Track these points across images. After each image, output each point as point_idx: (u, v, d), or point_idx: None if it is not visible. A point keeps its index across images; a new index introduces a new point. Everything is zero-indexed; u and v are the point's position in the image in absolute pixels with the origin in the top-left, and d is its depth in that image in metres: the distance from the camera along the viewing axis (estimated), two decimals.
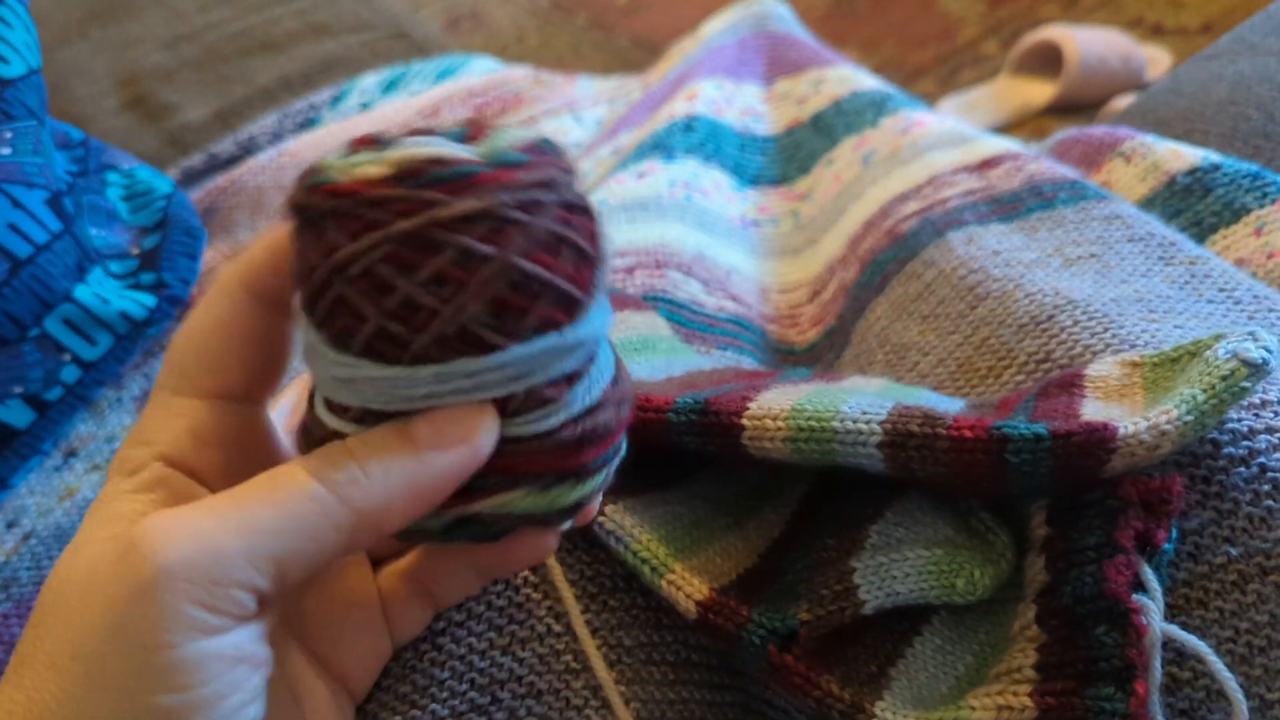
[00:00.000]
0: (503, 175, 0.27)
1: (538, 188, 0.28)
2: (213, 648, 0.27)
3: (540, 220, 0.28)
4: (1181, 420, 0.34)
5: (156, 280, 0.65)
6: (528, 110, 0.83)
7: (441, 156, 0.27)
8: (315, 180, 0.28)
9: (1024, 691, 0.33)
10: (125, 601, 0.26)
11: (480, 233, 0.27)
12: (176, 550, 0.26)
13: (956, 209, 0.58)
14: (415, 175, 0.27)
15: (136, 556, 0.27)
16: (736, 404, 0.39)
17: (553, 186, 0.29)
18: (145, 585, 0.26)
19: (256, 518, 0.28)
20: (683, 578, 0.38)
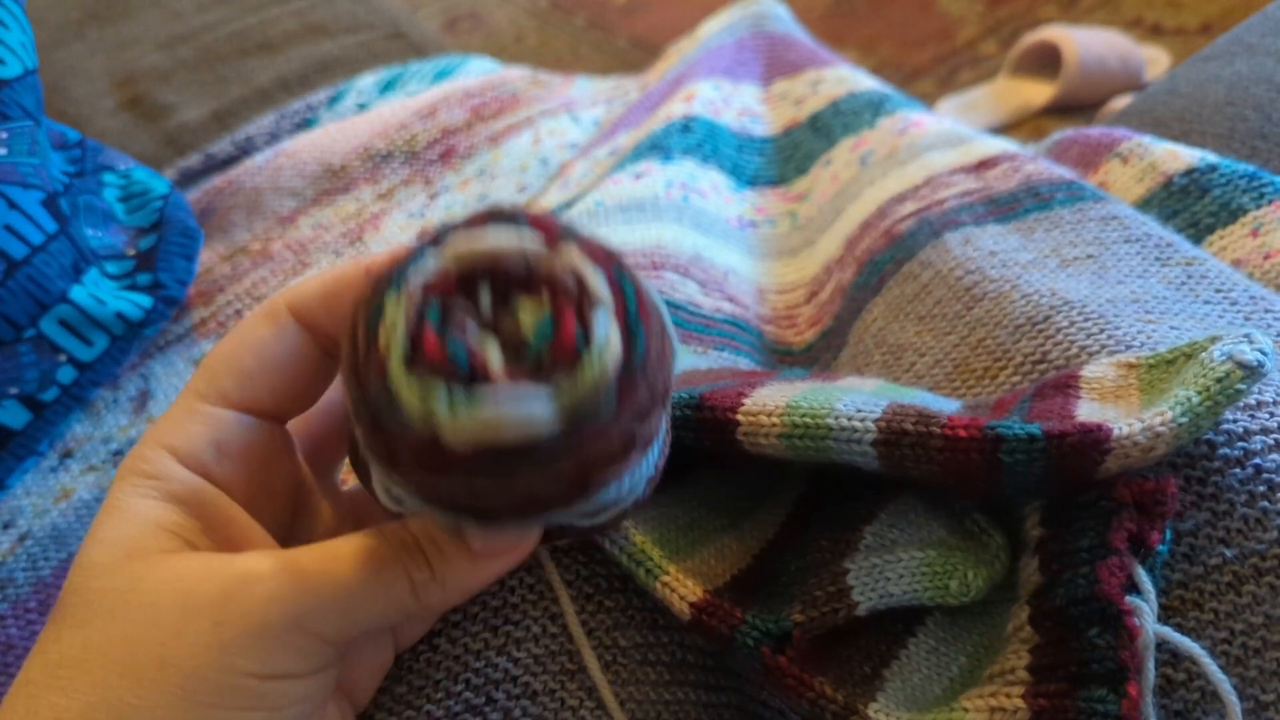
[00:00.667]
0: (588, 443, 0.27)
1: (621, 432, 0.27)
2: (298, 688, 0.30)
3: (615, 443, 0.28)
4: (1176, 422, 0.34)
5: (153, 281, 0.64)
6: (525, 110, 0.83)
7: (523, 429, 0.26)
8: (389, 399, 0.27)
9: (1017, 693, 0.33)
10: (242, 633, 0.29)
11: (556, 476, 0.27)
12: (299, 602, 0.29)
13: (953, 210, 0.58)
14: (499, 452, 0.26)
15: (260, 594, 0.29)
16: (731, 400, 0.39)
17: (636, 408, 0.27)
18: (269, 626, 0.29)
19: (359, 592, 0.30)
20: (677, 579, 0.38)
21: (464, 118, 0.81)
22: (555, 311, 0.27)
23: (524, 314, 0.27)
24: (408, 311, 0.27)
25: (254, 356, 0.33)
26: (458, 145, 0.79)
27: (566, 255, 0.27)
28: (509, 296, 0.27)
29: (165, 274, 0.65)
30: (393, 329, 0.27)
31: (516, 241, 0.28)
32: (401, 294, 0.27)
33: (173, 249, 0.67)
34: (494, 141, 0.79)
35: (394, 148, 0.78)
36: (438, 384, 0.26)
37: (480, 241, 0.28)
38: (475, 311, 0.27)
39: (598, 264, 0.27)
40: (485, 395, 0.26)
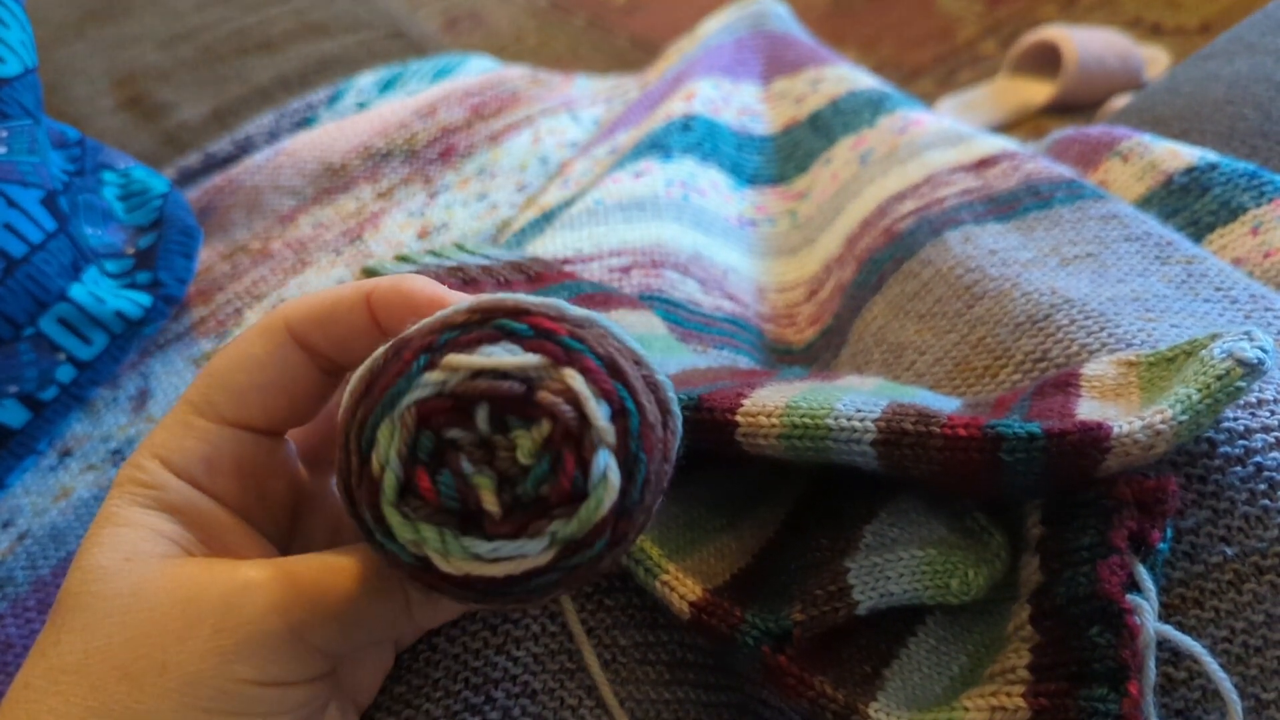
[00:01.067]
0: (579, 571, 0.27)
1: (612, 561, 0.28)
2: (295, 695, 0.31)
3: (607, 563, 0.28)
4: (1176, 420, 0.33)
5: (152, 280, 0.64)
6: (525, 109, 0.83)
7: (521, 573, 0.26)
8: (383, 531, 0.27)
9: (1017, 692, 0.33)
10: (243, 641, 0.29)
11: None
12: (298, 613, 0.30)
13: (953, 208, 0.58)
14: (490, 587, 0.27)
15: (261, 603, 0.29)
16: (730, 401, 0.39)
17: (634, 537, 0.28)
18: (269, 635, 0.29)
19: (356, 608, 0.30)
20: (676, 578, 0.38)
21: (464, 116, 0.81)
22: (553, 451, 0.26)
23: (520, 445, 0.26)
24: (400, 445, 0.27)
25: (248, 374, 0.33)
26: (457, 144, 0.79)
27: (571, 382, 0.26)
28: (506, 420, 0.27)
29: (165, 272, 0.65)
30: (385, 459, 0.27)
31: (519, 363, 0.27)
32: (395, 423, 0.27)
33: (172, 247, 0.66)
34: (494, 140, 0.79)
35: (394, 146, 0.78)
36: (431, 523, 0.26)
37: (479, 362, 0.27)
38: (471, 439, 0.27)
39: (602, 389, 0.27)
40: (479, 540, 0.26)
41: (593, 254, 0.62)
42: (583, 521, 0.26)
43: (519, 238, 0.66)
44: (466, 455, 0.27)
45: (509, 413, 0.26)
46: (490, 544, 0.26)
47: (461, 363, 0.27)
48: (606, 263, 0.61)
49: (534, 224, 0.68)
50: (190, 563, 0.31)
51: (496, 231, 0.70)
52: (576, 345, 0.27)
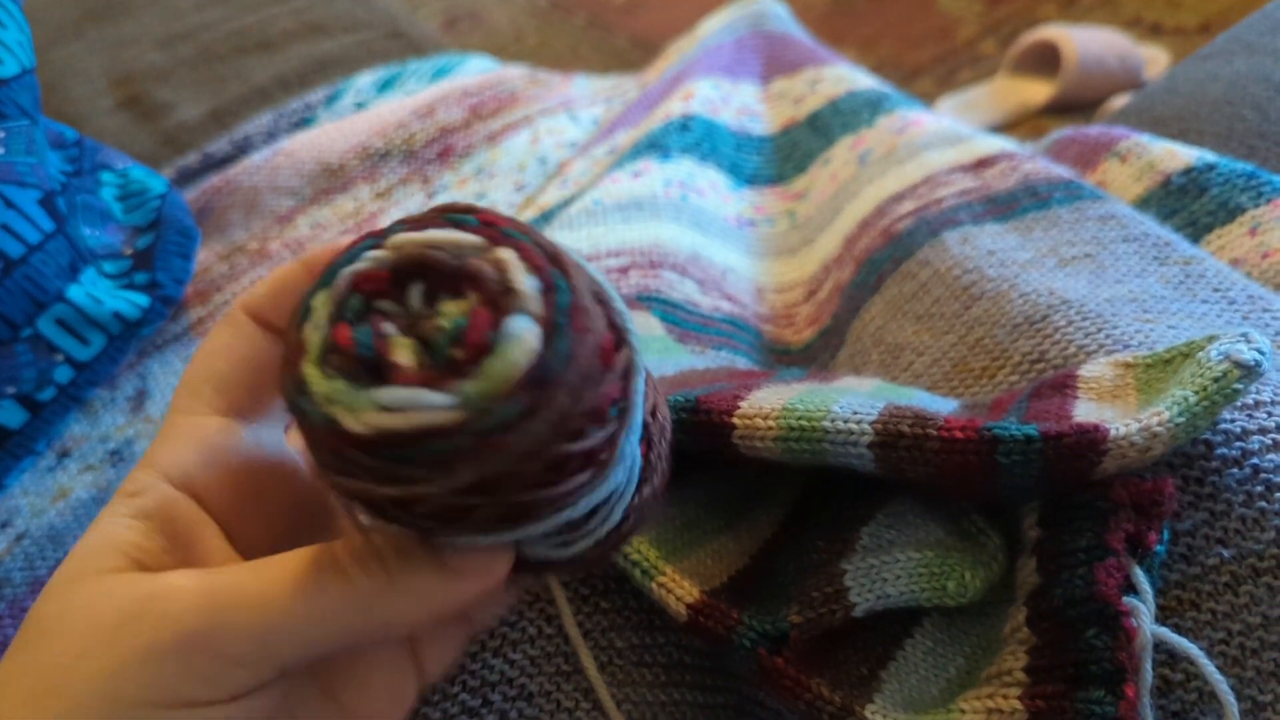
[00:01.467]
0: (497, 446, 0.25)
1: (531, 439, 0.25)
2: (205, 716, 0.27)
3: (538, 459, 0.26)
4: (1173, 422, 0.33)
5: (150, 280, 0.64)
6: (523, 109, 0.83)
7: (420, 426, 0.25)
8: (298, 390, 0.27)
9: (1014, 694, 0.33)
10: (132, 655, 0.26)
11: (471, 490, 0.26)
12: (197, 622, 0.27)
13: (952, 209, 0.58)
14: (396, 447, 0.25)
15: (157, 614, 0.27)
16: (728, 403, 0.39)
17: (553, 417, 0.26)
18: (163, 647, 0.26)
19: (282, 607, 0.27)
20: (673, 580, 0.38)
21: (462, 117, 0.81)
22: (471, 315, 0.26)
23: (445, 314, 0.26)
24: (331, 305, 0.27)
25: (224, 359, 0.32)
26: (456, 144, 0.79)
27: (497, 255, 0.26)
28: (438, 296, 0.27)
29: (162, 273, 0.65)
30: (316, 322, 0.27)
31: (453, 238, 0.27)
32: (331, 289, 0.27)
33: (170, 248, 0.66)
34: (492, 140, 0.79)
35: (392, 147, 0.78)
36: (344, 376, 0.26)
37: (418, 237, 0.27)
38: (403, 310, 0.27)
39: (534, 267, 0.26)
40: (384, 390, 0.25)
41: (591, 254, 0.62)
42: (488, 376, 0.25)
43: None
44: (393, 322, 0.26)
45: (442, 290, 0.26)
46: (392, 391, 0.25)
47: (402, 240, 0.27)
48: (604, 263, 0.61)
49: (532, 224, 0.68)
50: (120, 576, 0.28)
51: None
52: (515, 234, 0.27)
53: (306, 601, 0.27)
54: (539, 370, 0.25)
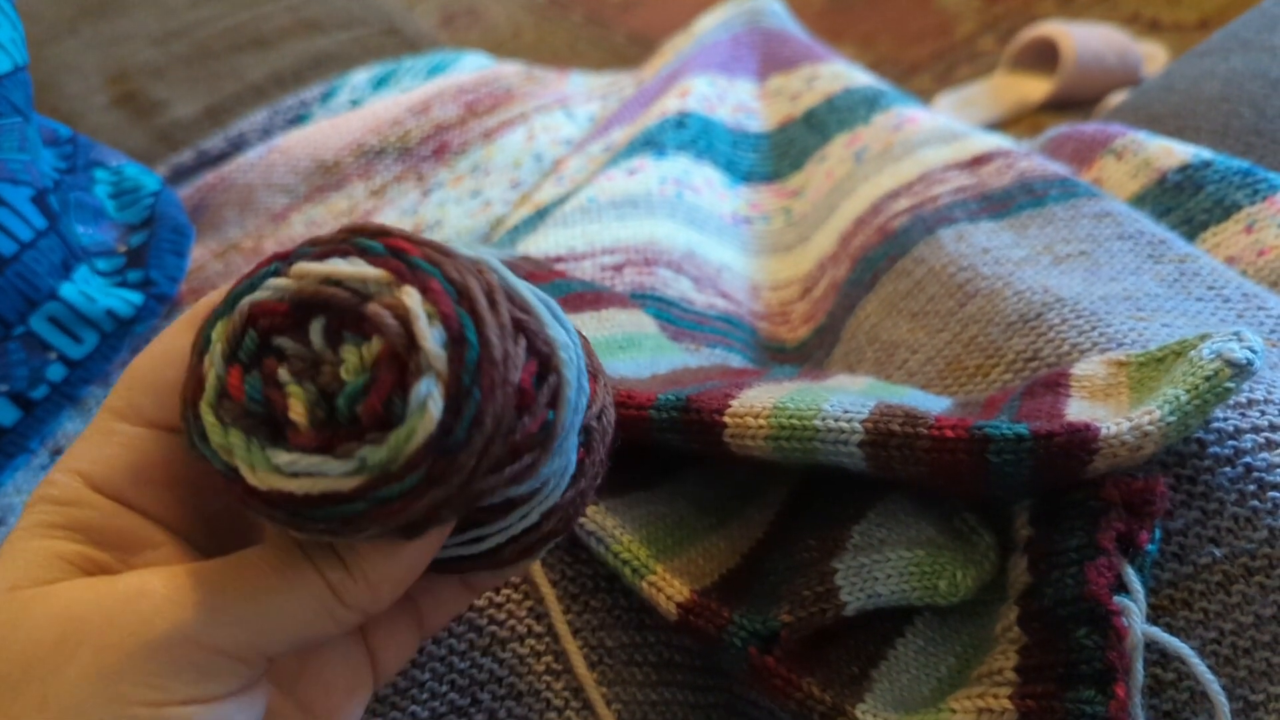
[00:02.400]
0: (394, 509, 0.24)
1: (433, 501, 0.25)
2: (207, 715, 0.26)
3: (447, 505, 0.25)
4: (1164, 421, 0.33)
5: (144, 278, 0.64)
6: (519, 106, 0.83)
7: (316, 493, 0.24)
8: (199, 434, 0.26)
9: (1004, 694, 0.33)
10: (126, 656, 0.26)
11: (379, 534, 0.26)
12: (191, 616, 0.26)
13: (947, 206, 0.58)
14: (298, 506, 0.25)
15: (147, 610, 0.26)
16: (718, 402, 0.38)
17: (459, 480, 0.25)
18: (157, 643, 0.26)
19: (263, 596, 0.27)
20: (664, 579, 0.38)
21: (457, 113, 0.81)
22: (373, 370, 0.24)
23: (347, 361, 0.25)
24: (224, 342, 0.25)
25: (175, 370, 0.29)
26: (451, 141, 0.79)
27: (405, 299, 0.24)
28: (341, 336, 0.25)
29: (156, 271, 0.65)
30: (212, 358, 0.26)
31: (358, 273, 0.25)
32: (227, 322, 0.26)
33: (164, 245, 0.66)
34: (488, 137, 0.79)
35: (387, 144, 0.78)
36: (240, 429, 0.25)
37: (320, 269, 0.25)
38: (300, 351, 0.25)
39: (442, 313, 0.24)
40: (281, 451, 0.24)
41: (586, 251, 0.62)
42: (392, 450, 0.24)
43: (512, 235, 0.66)
44: (289, 365, 0.25)
45: (345, 329, 0.25)
46: (290, 456, 0.24)
47: (305, 270, 0.25)
48: (599, 260, 0.61)
49: (527, 221, 0.67)
50: (75, 584, 0.27)
51: (490, 229, 0.70)
52: (425, 266, 0.25)
53: (285, 590, 0.27)
54: (441, 440, 0.24)
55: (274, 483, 0.24)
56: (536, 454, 0.27)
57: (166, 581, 0.27)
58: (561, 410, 0.27)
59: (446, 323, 0.24)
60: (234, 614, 0.27)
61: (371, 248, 0.26)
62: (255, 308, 0.26)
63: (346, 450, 0.24)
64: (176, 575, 0.27)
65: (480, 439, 0.24)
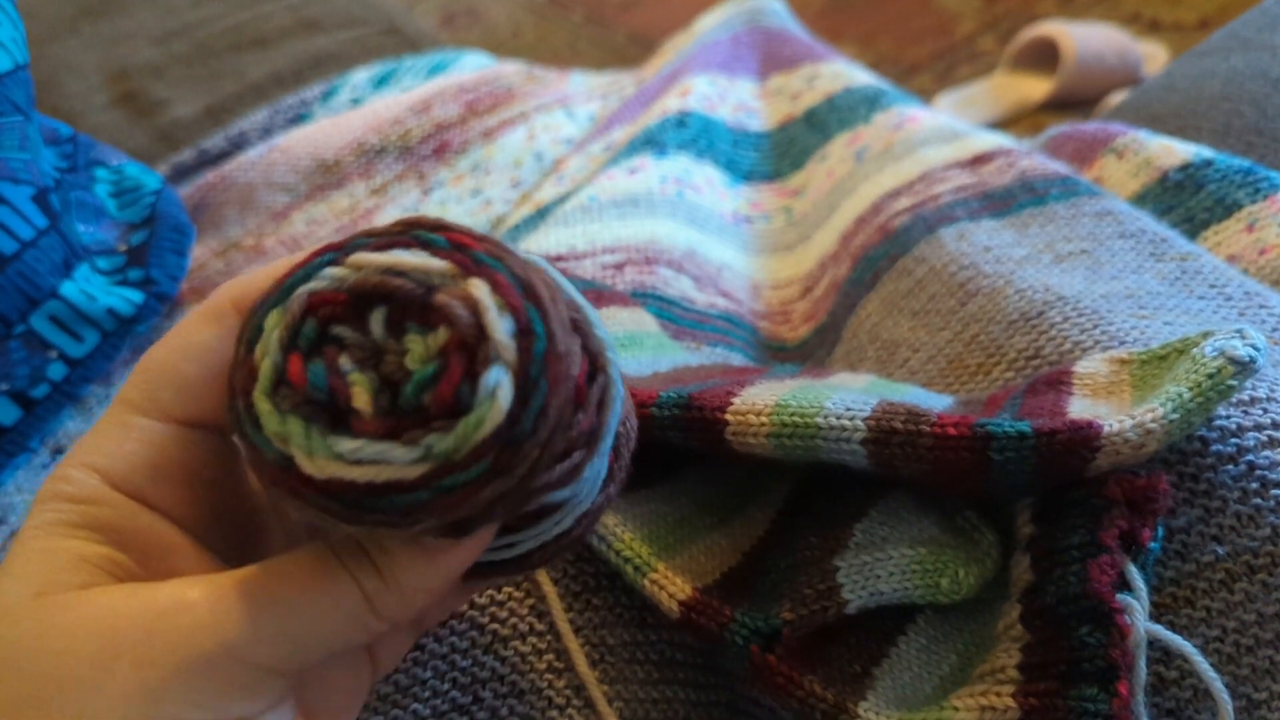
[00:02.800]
0: (455, 499, 0.24)
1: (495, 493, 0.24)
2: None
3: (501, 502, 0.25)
4: (1167, 418, 0.33)
5: (144, 277, 0.64)
6: (520, 106, 0.83)
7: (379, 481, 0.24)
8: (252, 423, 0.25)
9: (1007, 692, 0.33)
10: (170, 673, 0.25)
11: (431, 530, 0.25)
12: (234, 630, 0.25)
13: (948, 205, 0.58)
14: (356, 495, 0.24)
15: (189, 624, 0.25)
16: (720, 399, 0.38)
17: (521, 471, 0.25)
18: (201, 660, 0.25)
19: (302, 609, 0.26)
20: (665, 577, 0.38)
21: (458, 113, 0.81)
22: (443, 358, 0.24)
23: (412, 350, 0.25)
24: (283, 330, 0.25)
25: (196, 363, 0.28)
26: (451, 140, 0.79)
27: (473, 290, 0.24)
28: (404, 326, 0.25)
29: (157, 270, 0.65)
30: (267, 347, 0.25)
31: (423, 264, 0.25)
32: (284, 310, 0.25)
33: (164, 244, 0.66)
34: (488, 136, 0.79)
35: (387, 143, 0.78)
36: (298, 416, 0.24)
37: (382, 259, 0.25)
38: (360, 340, 0.25)
39: (510, 305, 0.24)
40: (344, 438, 0.24)
41: (586, 250, 0.62)
42: (460, 438, 0.23)
43: (513, 234, 0.66)
44: (350, 354, 0.25)
45: (407, 319, 0.25)
46: (354, 443, 0.24)
47: (364, 260, 0.25)
48: (600, 259, 0.61)
49: (528, 220, 0.67)
50: (110, 593, 0.26)
51: (491, 228, 0.70)
52: (489, 260, 0.25)
53: (324, 601, 0.27)
54: (510, 430, 0.24)
55: (334, 471, 0.24)
56: (584, 454, 0.26)
57: (207, 594, 0.26)
58: (607, 410, 0.27)
59: (515, 315, 0.24)
60: (276, 628, 0.26)
61: (434, 240, 0.26)
62: (314, 297, 0.25)
63: (412, 438, 0.24)
64: (216, 587, 0.26)
65: (545, 430, 0.24)
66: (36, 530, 0.27)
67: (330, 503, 0.24)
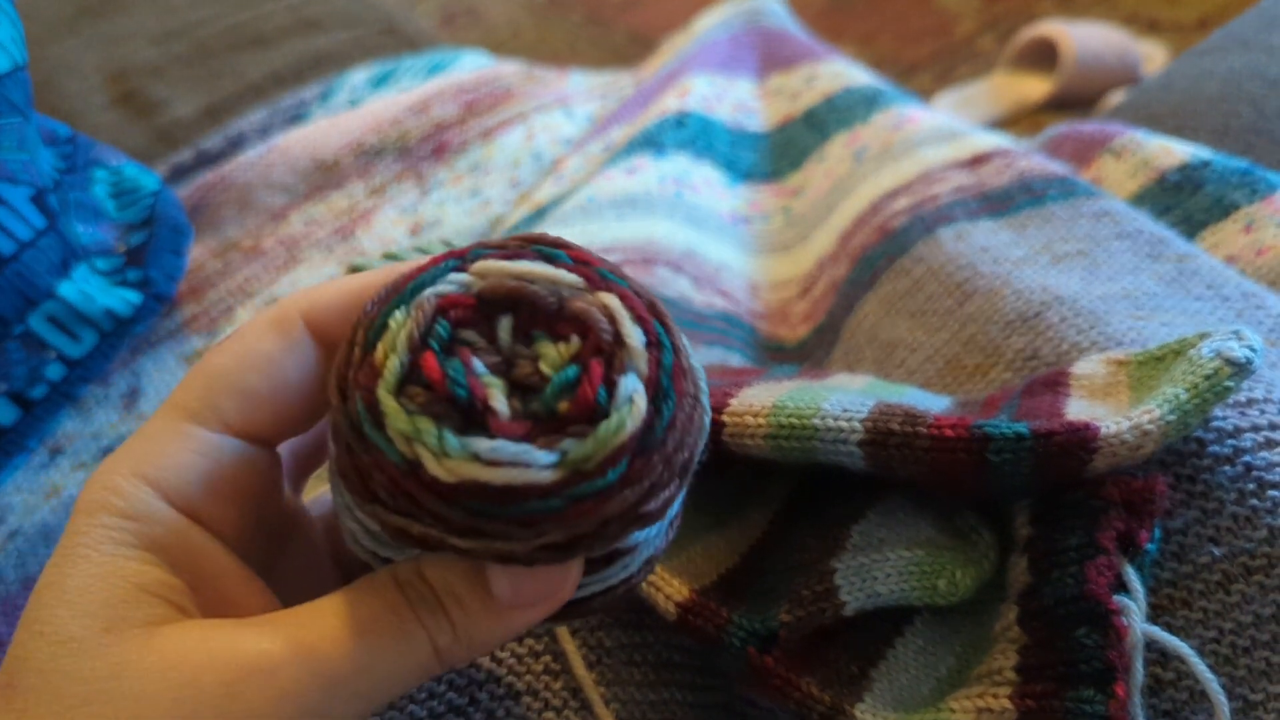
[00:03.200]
0: (584, 510, 0.24)
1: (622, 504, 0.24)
2: None
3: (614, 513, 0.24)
4: (1164, 420, 0.33)
5: (142, 277, 0.64)
6: (518, 105, 0.83)
7: (516, 484, 0.23)
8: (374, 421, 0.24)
9: (1004, 694, 0.33)
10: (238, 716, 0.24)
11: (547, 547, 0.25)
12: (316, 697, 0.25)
13: (947, 205, 0.58)
14: (484, 501, 0.24)
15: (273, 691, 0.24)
16: (717, 400, 0.38)
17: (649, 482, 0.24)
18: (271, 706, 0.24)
19: (380, 669, 0.26)
20: (663, 578, 0.38)
21: (457, 112, 0.81)
22: (582, 362, 0.24)
23: (545, 357, 0.25)
24: (413, 329, 0.25)
25: (262, 375, 0.27)
26: (450, 140, 0.79)
27: (606, 300, 0.25)
28: (531, 335, 0.25)
29: (155, 270, 0.65)
30: (393, 345, 0.24)
31: (552, 275, 0.25)
32: (411, 309, 0.25)
33: (163, 245, 0.66)
34: (487, 136, 0.79)
35: (386, 143, 0.78)
36: (429, 413, 0.24)
37: (511, 268, 0.25)
38: (491, 344, 0.25)
39: (640, 318, 0.25)
40: (481, 438, 0.23)
41: None
42: (599, 442, 0.23)
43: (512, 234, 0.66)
44: (482, 358, 0.25)
45: (535, 328, 0.25)
46: (492, 443, 0.23)
47: (493, 268, 0.25)
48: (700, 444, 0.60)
49: (527, 220, 0.68)
50: (182, 634, 0.25)
51: (489, 228, 0.70)
52: (612, 276, 0.26)
53: (399, 660, 0.26)
54: (645, 437, 0.24)
55: (467, 472, 0.23)
56: (678, 483, 0.26)
57: (288, 651, 0.25)
58: (701, 439, 0.27)
59: (645, 326, 0.25)
60: (353, 689, 0.25)
61: (556, 255, 0.26)
62: (444, 299, 0.25)
63: (549, 442, 0.24)
64: (295, 643, 0.25)
65: (673, 442, 0.25)
66: (88, 549, 0.26)
67: (452, 510, 0.24)
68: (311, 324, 0.28)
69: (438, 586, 0.26)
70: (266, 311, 0.29)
